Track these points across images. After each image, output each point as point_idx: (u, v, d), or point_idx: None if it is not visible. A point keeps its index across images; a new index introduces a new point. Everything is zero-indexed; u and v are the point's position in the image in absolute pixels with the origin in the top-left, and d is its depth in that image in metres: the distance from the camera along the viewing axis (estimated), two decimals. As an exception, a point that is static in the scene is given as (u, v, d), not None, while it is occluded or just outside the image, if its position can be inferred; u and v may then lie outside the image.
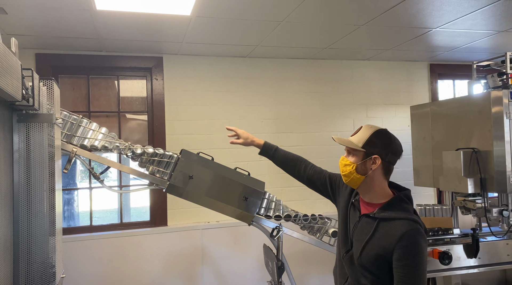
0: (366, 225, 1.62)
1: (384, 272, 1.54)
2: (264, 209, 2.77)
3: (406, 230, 1.49)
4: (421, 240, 1.50)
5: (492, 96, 2.83)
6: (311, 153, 3.97)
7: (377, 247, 1.55)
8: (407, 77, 4.24)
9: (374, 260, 1.55)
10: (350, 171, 1.63)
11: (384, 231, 1.55)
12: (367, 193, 1.66)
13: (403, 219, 1.53)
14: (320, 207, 3.95)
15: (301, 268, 3.80)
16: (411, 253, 1.48)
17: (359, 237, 1.63)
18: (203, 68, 3.75)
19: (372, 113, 4.15)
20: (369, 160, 1.61)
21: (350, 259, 1.67)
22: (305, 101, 3.99)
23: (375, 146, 1.61)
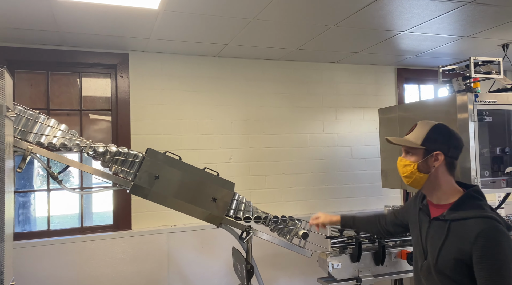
0: (438, 229, 1.53)
1: (464, 276, 1.43)
2: (233, 211, 2.69)
3: (481, 229, 1.39)
4: (501, 238, 1.38)
5: (457, 99, 2.89)
6: (281, 155, 3.94)
7: (454, 250, 1.45)
8: (375, 81, 4.30)
9: (452, 265, 1.45)
10: (411, 171, 1.56)
11: (458, 232, 1.46)
12: (433, 193, 1.59)
13: (476, 217, 1.43)
14: (290, 209, 3.91)
15: (270, 271, 3.74)
16: (491, 253, 1.36)
17: (433, 243, 1.54)
18: (172, 67, 3.64)
19: (341, 115, 4.17)
20: (430, 157, 1.54)
21: (427, 269, 1.56)
22: (276, 103, 3.96)
23: (435, 142, 1.55)
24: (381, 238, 2.90)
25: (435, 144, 1.55)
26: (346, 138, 4.17)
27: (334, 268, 2.75)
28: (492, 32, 3.25)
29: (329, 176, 4.09)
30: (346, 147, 4.17)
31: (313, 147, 4.06)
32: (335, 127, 4.15)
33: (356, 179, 4.16)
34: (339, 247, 2.87)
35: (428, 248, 1.57)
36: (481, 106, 2.86)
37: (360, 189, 4.16)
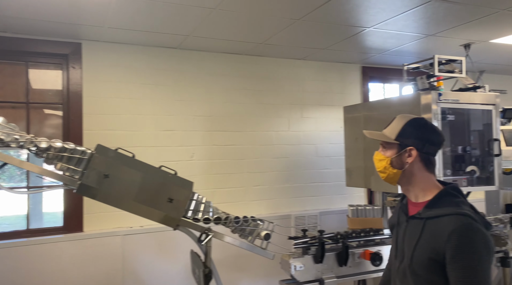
0: (414, 227, 1.46)
1: (439, 277, 1.36)
2: (191, 212, 2.54)
3: (454, 227, 1.32)
4: (474, 236, 1.30)
5: (421, 98, 2.87)
6: (246, 153, 3.81)
7: (427, 249, 1.38)
8: (341, 79, 4.26)
9: (426, 264, 1.39)
10: (385, 166, 1.51)
11: (432, 231, 1.39)
12: (410, 190, 1.52)
13: (450, 214, 1.36)
14: (254, 209, 3.80)
15: (232, 274, 3.61)
16: (463, 253, 1.30)
17: (409, 242, 1.47)
18: (129, 58, 3.43)
19: (307, 113, 4.10)
20: (404, 152, 1.48)
21: (403, 271, 1.49)
22: (240, 99, 3.82)
23: (410, 136, 1.48)
24: (344, 238, 2.84)
25: (409, 139, 1.48)
26: (311, 136, 4.10)
27: (297, 270, 2.65)
28: (455, 31, 3.26)
29: (294, 174, 4.01)
30: (311, 145, 4.10)
31: (278, 145, 3.96)
32: (300, 125, 4.07)
33: (321, 178, 4.10)
34: (302, 248, 2.78)
35: (405, 249, 1.50)
36: (444, 105, 2.85)
37: (325, 187, 4.10)
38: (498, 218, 3.31)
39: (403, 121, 1.52)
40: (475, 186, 3.00)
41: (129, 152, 2.37)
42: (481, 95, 3.02)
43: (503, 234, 3.22)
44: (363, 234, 2.97)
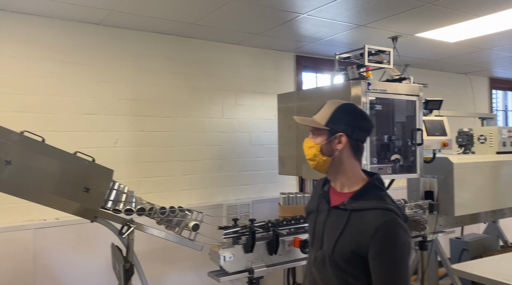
0: (337, 218, 1.42)
1: (359, 270, 1.35)
2: (112, 202, 2.33)
3: (380, 223, 1.30)
4: (400, 232, 1.31)
5: (351, 87, 2.90)
6: (176, 140, 3.63)
7: (351, 242, 1.35)
8: (275, 67, 4.21)
9: (349, 257, 1.35)
10: (315, 154, 1.46)
11: (356, 224, 1.36)
12: (337, 178, 1.48)
13: (376, 209, 1.34)
14: (185, 199, 3.64)
15: (159, 267, 3.43)
16: (387, 249, 1.29)
17: (330, 233, 1.42)
18: (43, 32, 3.06)
19: (241, 100, 4.00)
20: (334, 139, 1.43)
21: (322, 261, 1.45)
22: (170, 82, 3.62)
23: (340, 122, 1.44)
24: (275, 226, 2.80)
25: (339, 125, 1.44)
26: (245, 124, 4.01)
27: (226, 261, 2.57)
28: (384, 23, 3.35)
29: (227, 163, 3.90)
30: (245, 133, 4.02)
31: (211, 132, 3.82)
32: (234, 112, 3.96)
33: (254, 166, 4.05)
34: (233, 237, 2.70)
35: (324, 238, 1.46)
36: (373, 94, 2.91)
37: (258, 176, 4.06)
38: (418, 204, 3.49)
39: (333, 107, 1.47)
40: (399, 174, 3.12)
41: (38, 136, 2.10)
42: (406, 86, 3.13)
43: (422, 219, 3.41)
44: (293, 221, 2.96)
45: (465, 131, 4.01)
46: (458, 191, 3.56)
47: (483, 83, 5.92)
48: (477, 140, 4.11)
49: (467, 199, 3.62)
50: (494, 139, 4.00)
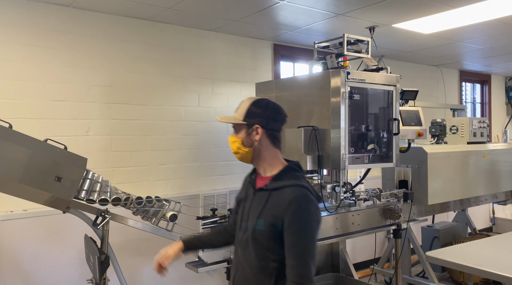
0: (260, 199, 1.58)
1: (277, 244, 1.48)
2: (85, 192, 2.24)
3: (293, 196, 1.47)
4: (310, 205, 1.48)
5: (331, 76, 2.88)
6: (151, 129, 3.53)
7: (269, 217, 1.50)
8: (252, 55, 4.16)
9: (268, 232, 1.50)
10: (238, 147, 1.61)
11: (275, 200, 1.52)
12: (260, 165, 1.63)
13: (291, 186, 1.51)
14: (160, 190, 3.55)
15: (134, 258, 3.34)
16: (298, 219, 1.45)
17: (253, 213, 1.57)
18: (9, 13, 2.88)
19: (217, 89, 3.92)
20: (251, 131, 1.58)
21: (246, 241, 1.57)
22: (145, 69, 3.50)
23: (254, 116, 1.59)
24: (254, 216, 2.77)
25: (254, 118, 1.59)
26: (222, 112, 3.94)
27: (205, 251, 2.52)
28: (363, 12, 3.35)
29: (203, 152, 3.83)
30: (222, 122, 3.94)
31: (187, 121, 3.73)
32: (211, 100, 3.88)
33: (232, 156, 3.95)
34: (211, 228, 2.65)
35: (249, 219, 1.60)
36: (352, 84, 2.91)
37: (235, 166, 4.01)
38: (393, 193, 3.55)
39: (248, 103, 1.62)
40: (375, 163, 3.15)
41: (5, 122, 1.98)
42: (384, 76, 3.15)
43: (397, 208, 3.47)
44: (272, 211, 2.94)
45: (438, 121, 4.11)
46: (431, 180, 3.64)
47: (454, 75, 6.08)
48: (449, 130, 4.22)
49: (439, 188, 3.72)
50: (466, 129, 4.12)
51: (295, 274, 1.43)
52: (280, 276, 1.48)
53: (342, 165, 2.87)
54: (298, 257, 1.44)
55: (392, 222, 3.54)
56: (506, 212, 6.48)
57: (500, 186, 4.31)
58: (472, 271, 2.67)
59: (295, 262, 1.44)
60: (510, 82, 6.88)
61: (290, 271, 1.44)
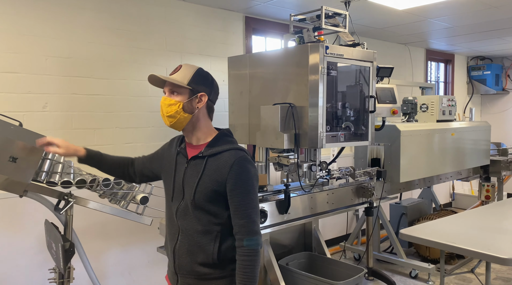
0: (195, 167, 1.58)
1: (221, 208, 1.54)
2: (45, 174, 2.02)
3: (234, 159, 1.52)
4: (250, 166, 1.54)
5: (310, 50, 2.76)
6: (116, 105, 3.28)
7: (210, 182, 1.53)
8: (223, 28, 3.95)
9: (209, 197, 1.53)
10: (176, 111, 1.56)
11: (214, 166, 1.54)
12: (194, 134, 1.63)
13: (230, 150, 1.56)
14: (126, 170, 3.33)
15: (99, 243, 3.15)
16: (242, 180, 1.51)
17: (190, 181, 1.58)
18: None
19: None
20: (195, 98, 1.58)
21: (184, 209, 1.59)
22: (108, 40, 3.21)
23: (200, 84, 1.59)
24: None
25: (200, 86, 1.59)
26: (191, 88, 3.74)
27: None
28: (341, -15, 3.22)
29: (172, 130, 3.55)
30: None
31: (155, 97, 3.50)
32: (179, 75, 3.66)
33: (201, 134, 3.82)
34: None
35: (185, 188, 1.60)
36: (330, 59, 2.81)
37: (205, 144, 3.85)
38: (366, 171, 3.54)
39: (192, 69, 1.60)
40: (350, 141, 3.10)
41: None
42: (362, 51, 3.07)
43: (370, 186, 3.47)
44: (248, 191, 2.84)
45: (410, 99, 4.12)
46: (403, 158, 3.67)
47: (420, 54, 6.14)
48: (419, 108, 4.25)
49: (410, 166, 3.75)
50: (435, 107, 4.16)
51: (246, 231, 1.50)
52: (224, 238, 1.55)
53: (319, 144, 2.79)
54: (246, 215, 1.51)
55: (365, 200, 3.55)
56: (465, 188, 6.77)
57: (464, 163, 4.44)
58: (446, 247, 2.71)
59: (244, 220, 1.51)
60: (471, 61, 7.08)
61: (240, 230, 1.51)
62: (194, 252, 1.56)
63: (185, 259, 1.58)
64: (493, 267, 3.97)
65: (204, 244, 1.54)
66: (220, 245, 1.54)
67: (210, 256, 1.54)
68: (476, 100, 7.26)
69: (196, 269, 1.56)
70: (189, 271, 1.58)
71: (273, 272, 3.14)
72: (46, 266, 2.38)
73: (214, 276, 1.56)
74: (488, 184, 4.83)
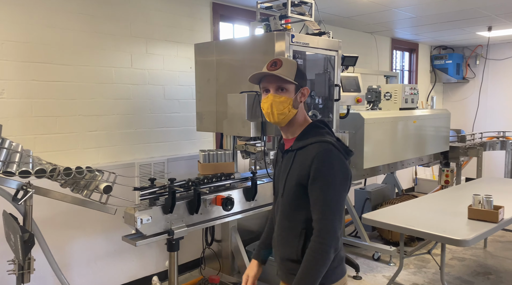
0: (287, 161, 1.58)
1: (305, 204, 1.49)
2: (2, 164, 1.96)
3: (316, 152, 1.46)
4: (333, 160, 1.46)
5: (276, 38, 2.77)
6: (78, 92, 3.19)
7: (296, 177, 1.50)
8: (190, 14, 3.88)
9: (295, 192, 1.51)
10: (288, 107, 1.54)
11: (299, 159, 1.51)
12: (291, 127, 1.60)
13: (314, 142, 1.49)
14: (91, 158, 3.27)
15: (61, 233, 3.09)
16: (322, 174, 1.44)
17: (282, 176, 1.59)
18: None
19: (152, 49, 3.63)
20: (299, 93, 1.57)
21: (278, 204, 1.61)
22: (70, 24, 3.10)
23: (302, 78, 1.59)
24: (196, 184, 2.66)
25: (302, 81, 1.59)
26: (158, 75, 3.68)
27: (144, 223, 2.38)
28: (307, -26, 3.22)
29: (138, 118, 3.58)
30: (158, 86, 3.69)
31: (119, 84, 3.43)
32: (145, 62, 3.59)
33: (169, 122, 3.78)
34: (150, 199, 2.50)
35: (279, 182, 1.61)
36: (296, 48, 2.83)
37: (173, 133, 3.82)
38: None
39: (294, 64, 1.58)
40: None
41: None
42: (327, 40, 3.11)
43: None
44: (214, 179, 2.85)
45: (374, 88, 4.22)
46: (367, 145, 3.77)
47: (386, 43, 6.27)
48: (383, 96, 4.36)
49: (374, 153, 3.87)
50: (399, 96, 4.29)
51: (317, 229, 1.44)
52: (309, 236, 1.48)
53: (285, 131, 2.83)
54: (321, 212, 1.44)
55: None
56: (426, 173, 7.05)
57: (425, 149, 4.62)
58: (404, 230, 2.84)
59: (318, 216, 1.44)
60: (434, 51, 7.30)
61: (314, 226, 1.46)
62: (282, 247, 1.59)
63: (276, 252, 1.64)
64: (449, 248, 4.19)
65: (290, 240, 1.54)
66: (305, 243, 1.50)
67: (294, 253, 1.53)
68: (439, 88, 7.52)
69: (284, 263, 1.60)
70: (279, 264, 1.64)
71: (241, 258, 3.19)
72: (5, 258, 2.31)
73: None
74: (448, 169, 5.05)
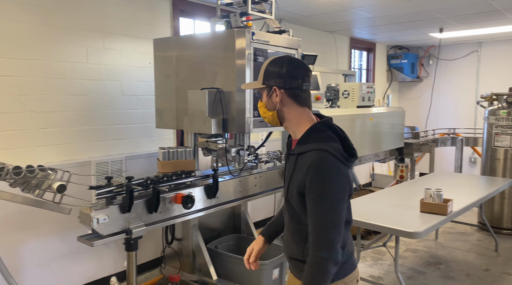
0: (290, 163, 1.54)
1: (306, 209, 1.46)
2: None
3: (311, 162, 1.41)
4: (329, 170, 1.40)
5: (236, 35, 2.77)
6: (29, 88, 3.04)
7: (296, 183, 1.47)
8: (149, 8, 3.80)
9: (296, 197, 1.48)
10: (264, 111, 1.56)
11: (299, 165, 1.47)
12: (289, 128, 1.57)
13: (312, 150, 1.44)
14: (44, 156, 3.13)
15: (15, 234, 2.95)
16: (316, 185, 1.39)
17: (287, 177, 1.57)
18: None
19: (109, 43, 3.52)
20: (272, 93, 1.51)
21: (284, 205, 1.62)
22: (21, 16, 2.94)
23: (271, 77, 1.51)
24: (155, 183, 2.62)
25: (271, 80, 1.52)
26: (115, 71, 3.57)
27: (100, 223, 2.32)
28: (268, -28, 3.24)
29: (94, 115, 3.46)
30: (115, 81, 3.59)
31: (74, 79, 3.30)
32: (102, 57, 3.47)
33: (127, 119, 3.69)
34: (106, 198, 2.43)
35: (284, 183, 1.62)
36: (256, 45, 2.84)
37: (131, 130, 3.72)
38: (292, 155, 3.68)
39: (265, 64, 1.55)
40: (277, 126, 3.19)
41: None
42: (287, 38, 3.15)
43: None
44: (174, 177, 2.82)
45: (333, 86, 4.33)
46: (326, 142, 3.86)
47: (345, 42, 6.43)
48: (341, 95, 4.48)
49: (333, 149, 3.96)
50: (356, 94, 4.42)
51: (312, 241, 1.41)
52: None
53: (247, 129, 2.84)
54: (315, 223, 1.40)
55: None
56: (383, 169, 7.32)
57: (381, 146, 4.79)
58: (360, 224, 2.94)
59: (312, 228, 1.41)
60: (391, 50, 7.57)
61: (309, 238, 1.43)
62: (289, 246, 1.60)
63: (285, 249, 1.66)
64: (403, 240, 4.38)
65: (296, 242, 1.55)
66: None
67: (300, 254, 1.54)
68: (395, 87, 7.82)
69: (291, 261, 1.62)
70: (288, 261, 1.65)
71: (202, 256, 3.18)
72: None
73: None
74: (402, 164, 5.27)
